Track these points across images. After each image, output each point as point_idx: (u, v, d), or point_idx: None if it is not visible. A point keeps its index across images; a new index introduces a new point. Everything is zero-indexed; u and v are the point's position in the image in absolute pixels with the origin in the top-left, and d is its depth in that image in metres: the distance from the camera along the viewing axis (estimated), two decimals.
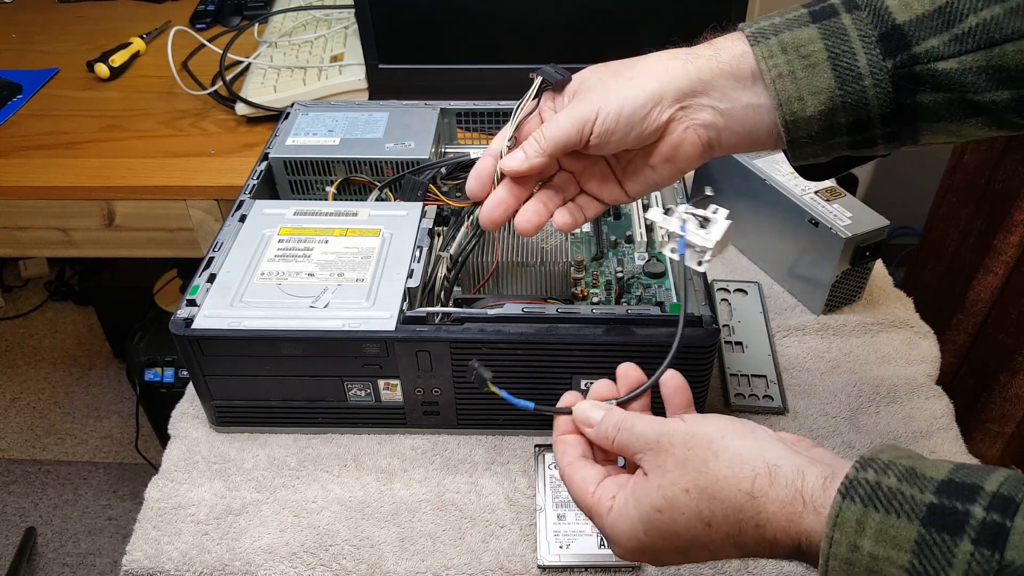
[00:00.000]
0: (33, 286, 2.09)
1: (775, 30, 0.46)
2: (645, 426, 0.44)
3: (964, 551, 0.32)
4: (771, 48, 0.46)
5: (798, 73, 0.45)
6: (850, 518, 0.35)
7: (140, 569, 0.58)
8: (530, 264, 0.70)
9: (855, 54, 0.44)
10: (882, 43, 0.44)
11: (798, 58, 0.45)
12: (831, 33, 0.45)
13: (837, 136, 0.46)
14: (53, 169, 1.00)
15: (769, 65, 0.46)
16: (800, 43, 0.45)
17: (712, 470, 0.40)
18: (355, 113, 0.83)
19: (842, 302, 0.76)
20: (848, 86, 0.45)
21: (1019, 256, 1.13)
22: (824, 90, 0.45)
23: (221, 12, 1.32)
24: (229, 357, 0.61)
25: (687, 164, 0.51)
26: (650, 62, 0.49)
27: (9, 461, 1.70)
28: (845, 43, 0.45)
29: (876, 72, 0.44)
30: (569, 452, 0.47)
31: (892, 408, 0.68)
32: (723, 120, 0.48)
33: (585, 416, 0.47)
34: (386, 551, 0.58)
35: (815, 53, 0.45)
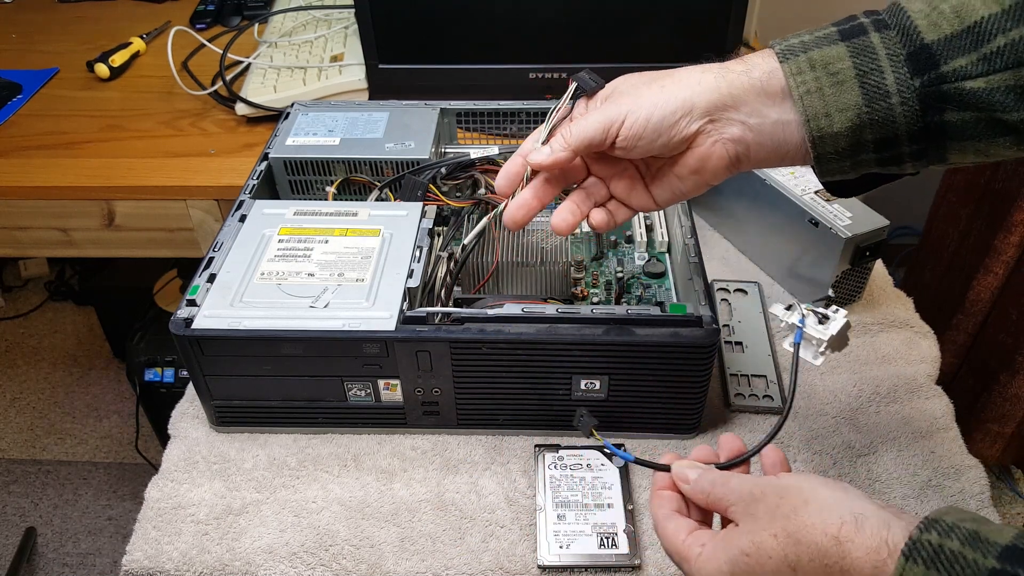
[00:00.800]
0: (33, 286, 2.09)
1: (804, 47, 0.47)
2: (740, 481, 0.45)
3: None
4: (800, 65, 0.46)
5: (826, 90, 0.46)
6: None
7: (140, 569, 0.58)
8: (530, 264, 0.70)
9: (883, 72, 0.45)
10: (910, 62, 0.45)
11: (826, 75, 0.46)
12: (859, 51, 0.46)
13: (864, 153, 0.47)
14: (53, 169, 1.00)
15: (797, 82, 0.46)
16: (828, 60, 0.46)
17: (801, 517, 0.40)
18: (355, 113, 0.83)
19: (842, 302, 0.76)
20: (875, 103, 0.45)
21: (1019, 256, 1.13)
22: (851, 107, 0.46)
23: (221, 12, 1.32)
24: (229, 357, 0.61)
25: (714, 177, 0.51)
26: (683, 74, 0.50)
27: (9, 461, 1.70)
28: (873, 61, 0.45)
29: (904, 90, 0.45)
30: (665, 505, 0.48)
31: (892, 408, 0.68)
32: (752, 135, 0.49)
33: (683, 473, 0.48)
34: (386, 551, 0.58)
35: (843, 71, 0.46)
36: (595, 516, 0.59)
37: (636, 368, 0.60)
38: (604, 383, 0.61)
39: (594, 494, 0.60)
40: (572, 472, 0.62)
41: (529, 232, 0.74)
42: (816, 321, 0.55)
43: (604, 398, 0.62)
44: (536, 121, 0.83)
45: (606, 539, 0.57)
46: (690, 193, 0.53)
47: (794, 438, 0.66)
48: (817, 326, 0.55)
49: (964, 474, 0.63)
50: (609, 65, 0.98)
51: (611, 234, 0.80)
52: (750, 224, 0.81)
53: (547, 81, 0.99)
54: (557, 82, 0.99)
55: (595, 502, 0.60)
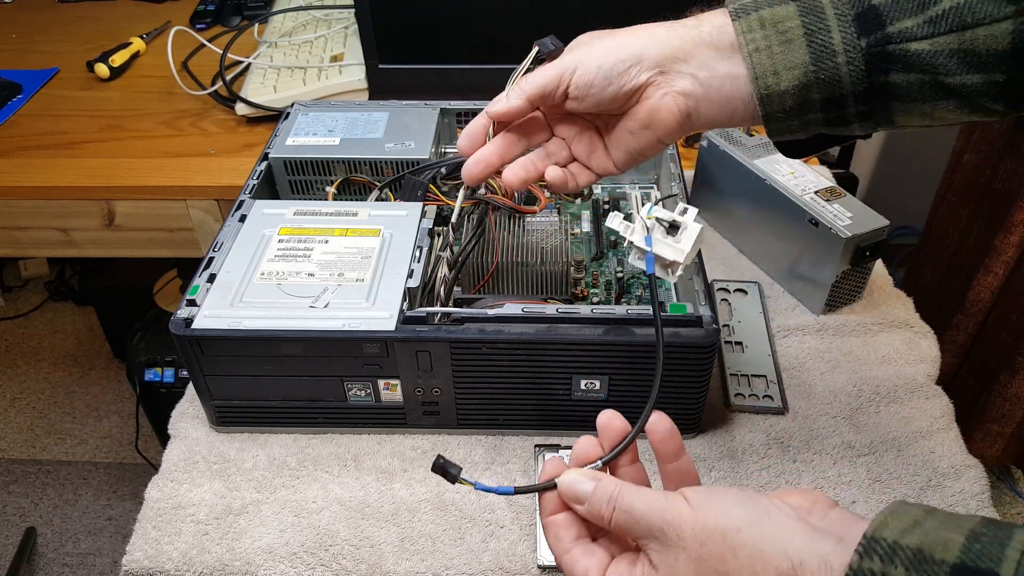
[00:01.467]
0: (33, 286, 2.09)
1: (756, 5, 0.48)
2: (645, 508, 0.39)
3: None
4: (751, 23, 0.47)
5: (774, 48, 0.47)
6: None
7: (140, 569, 0.58)
8: (530, 264, 0.70)
9: (830, 31, 0.46)
10: (857, 22, 0.45)
11: (775, 33, 0.47)
12: (809, 10, 0.46)
13: (811, 112, 0.47)
14: (53, 169, 1.00)
15: (747, 39, 0.47)
16: (778, 19, 0.47)
17: (731, 570, 0.35)
18: (355, 113, 0.83)
19: (842, 302, 0.76)
20: (822, 62, 0.46)
21: (1019, 256, 1.13)
22: (798, 65, 0.46)
23: (221, 12, 1.32)
24: (229, 357, 0.61)
25: (665, 133, 0.52)
26: (635, 28, 0.52)
27: (9, 461, 1.70)
28: (822, 20, 0.46)
29: (850, 50, 0.45)
30: (563, 536, 0.42)
31: (892, 408, 0.68)
32: (701, 90, 0.49)
33: (572, 491, 0.41)
34: (386, 551, 0.58)
35: (792, 29, 0.46)
36: None
37: (636, 368, 0.60)
38: (604, 383, 0.61)
39: None
40: None
41: (529, 232, 0.74)
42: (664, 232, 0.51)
43: (604, 398, 0.62)
44: None
45: None
46: (645, 152, 0.53)
47: (794, 438, 0.66)
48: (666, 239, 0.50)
49: (964, 474, 0.63)
50: None
51: (611, 234, 0.80)
52: (750, 224, 0.81)
53: None
54: None
55: None
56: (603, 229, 0.80)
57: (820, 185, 0.75)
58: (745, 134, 0.81)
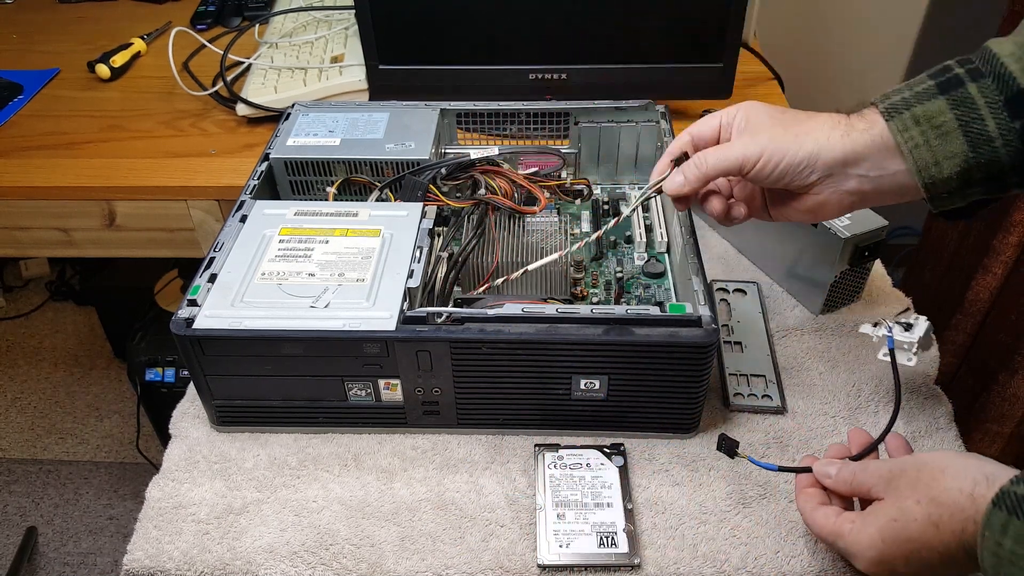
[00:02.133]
0: (34, 286, 2.09)
1: (906, 104, 0.52)
2: (877, 464, 0.52)
3: None
4: (904, 122, 0.52)
5: (932, 142, 0.51)
6: (996, 523, 0.42)
7: (141, 568, 0.58)
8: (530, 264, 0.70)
9: (984, 120, 0.50)
10: (1008, 107, 0.50)
11: (931, 128, 0.51)
12: (959, 103, 0.51)
13: (972, 188, 0.52)
14: (54, 169, 1.00)
15: (905, 137, 0.52)
16: (931, 115, 0.51)
17: (939, 483, 0.46)
18: (355, 114, 0.83)
19: (841, 302, 0.76)
20: (980, 149, 0.50)
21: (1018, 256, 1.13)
22: (958, 154, 0.51)
23: (222, 13, 1.32)
24: (230, 357, 0.61)
25: (827, 217, 0.59)
26: (815, 125, 0.55)
27: (10, 461, 1.70)
28: (974, 111, 0.50)
29: (1006, 134, 0.50)
30: (811, 500, 0.54)
31: (891, 408, 0.68)
32: (870, 187, 0.54)
33: (824, 470, 0.55)
34: (386, 550, 0.58)
35: (946, 123, 0.51)
36: (595, 515, 0.59)
37: (636, 368, 0.60)
38: (604, 383, 0.61)
39: (593, 493, 0.60)
40: (572, 471, 0.62)
41: (529, 232, 0.74)
42: (902, 330, 0.64)
43: (604, 398, 0.62)
44: (536, 121, 0.83)
45: (606, 538, 0.58)
46: (804, 222, 0.62)
47: (793, 437, 0.66)
48: (904, 333, 0.64)
49: None
50: (609, 66, 0.99)
51: (611, 234, 0.80)
52: (749, 224, 0.80)
53: (547, 81, 1.00)
54: (557, 82, 0.99)
55: (594, 501, 0.60)
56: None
57: None
58: None
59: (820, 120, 0.55)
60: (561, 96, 0.92)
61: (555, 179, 0.80)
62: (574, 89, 0.99)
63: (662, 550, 0.58)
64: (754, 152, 0.55)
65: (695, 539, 0.58)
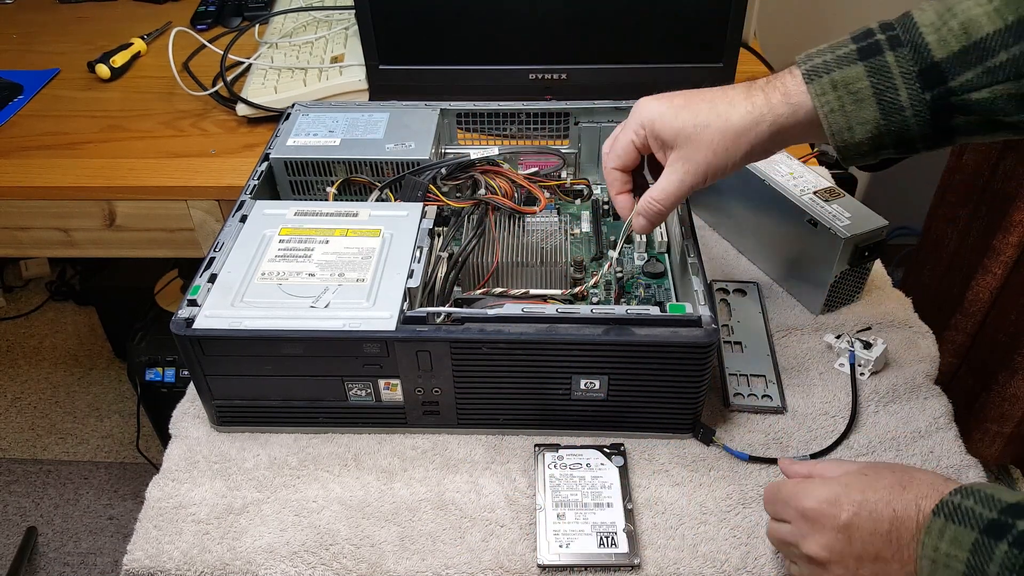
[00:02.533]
0: (34, 286, 2.09)
1: (827, 67, 0.53)
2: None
3: (1001, 550, 0.42)
4: (823, 86, 0.53)
5: (847, 107, 0.52)
6: (935, 528, 0.45)
7: (141, 568, 0.58)
8: (530, 264, 0.70)
9: (898, 90, 0.51)
10: (921, 78, 0.51)
11: (847, 94, 0.52)
12: (876, 71, 0.52)
13: (883, 150, 0.54)
14: (54, 169, 1.00)
15: (822, 101, 0.53)
16: (848, 81, 0.52)
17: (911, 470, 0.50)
18: (355, 114, 0.83)
19: (841, 302, 0.76)
20: (891, 117, 0.52)
21: (1018, 256, 1.13)
22: (870, 121, 0.52)
23: (222, 13, 1.32)
24: (230, 357, 0.61)
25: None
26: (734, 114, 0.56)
27: (10, 461, 1.70)
28: (888, 80, 0.51)
29: (916, 104, 0.51)
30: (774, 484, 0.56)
31: (891, 408, 0.68)
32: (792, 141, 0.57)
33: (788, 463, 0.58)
34: (386, 550, 0.58)
35: (862, 90, 0.52)
36: (594, 515, 0.59)
37: (635, 368, 0.60)
38: (604, 383, 0.61)
39: (593, 493, 0.61)
40: (572, 471, 0.62)
41: (529, 232, 0.74)
42: (862, 347, 0.69)
43: (604, 398, 0.62)
44: (536, 121, 0.83)
45: (605, 538, 0.58)
46: None
47: (793, 437, 0.66)
48: (863, 351, 0.69)
49: (963, 474, 0.63)
50: (609, 66, 0.99)
51: (611, 234, 0.80)
52: (749, 224, 0.81)
53: (547, 81, 1.00)
54: (557, 82, 1.00)
55: (594, 501, 0.60)
56: (602, 229, 0.80)
57: (819, 185, 0.75)
58: None
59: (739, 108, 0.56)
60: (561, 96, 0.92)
61: (555, 179, 0.80)
62: (574, 89, 0.98)
63: (662, 550, 0.58)
64: (699, 177, 0.58)
65: (695, 539, 0.58)
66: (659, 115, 0.58)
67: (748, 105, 0.55)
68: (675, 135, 0.57)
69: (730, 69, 0.99)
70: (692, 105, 0.57)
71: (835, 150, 0.54)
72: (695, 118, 0.57)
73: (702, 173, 0.58)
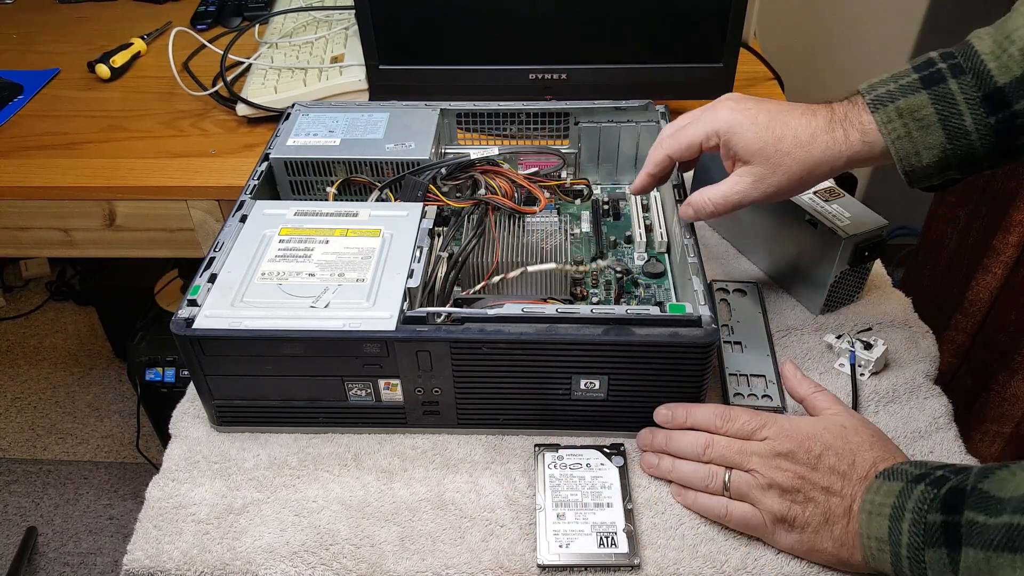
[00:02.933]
0: (34, 286, 2.09)
1: (891, 97, 0.56)
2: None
3: (919, 490, 0.49)
4: (889, 115, 0.56)
5: (914, 134, 0.55)
6: (874, 486, 0.53)
7: (141, 568, 0.58)
8: (530, 264, 0.70)
9: (962, 115, 0.54)
10: (985, 103, 0.53)
11: (912, 121, 0.55)
12: (940, 98, 0.54)
13: (948, 172, 0.56)
14: (54, 169, 1.00)
15: (888, 129, 0.56)
16: (913, 108, 0.55)
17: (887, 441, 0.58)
18: (355, 114, 0.83)
19: (841, 302, 0.76)
20: (957, 141, 0.54)
21: (1018, 256, 1.13)
22: (937, 146, 0.55)
23: (222, 13, 1.32)
24: (230, 357, 0.61)
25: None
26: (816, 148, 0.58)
27: (10, 461, 1.70)
28: (953, 106, 0.54)
29: (981, 128, 0.54)
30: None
31: (891, 408, 0.68)
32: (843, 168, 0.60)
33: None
34: (386, 550, 0.58)
35: (927, 117, 0.55)
36: (594, 515, 0.59)
37: (636, 368, 0.60)
38: (604, 383, 0.61)
39: (593, 493, 0.61)
40: (572, 471, 0.62)
41: (529, 232, 0.74)
42: (863, 347, 0.70)
43: (604, 398, 0.62)
44: (536, 121, 0.83)
45: (605, 538, 0.58)
46: None
47: None
48: (864, 351, 0.70)
49: None
50: (609, 66, 0.99)
51: (610, 234, 0.80)
52: (749, 224, 0.81)
53: (547, 81, 1.00)
54: (557, 82, 0.99)
55: (594, 501, 0.60)
56: (602, 229, 0.80)
57: (819, 185, 0.75)
58: None
59: (820, 138, 0.58)
60: (561, 96, 0.92)
61: (555, 179, 0.80)
62: (574, 89, 0.99)
63: (662, 550, 0.58)
64: (766, 196, 0.61)
65: (695, 539, 0.58)
66: (740, 128, 0.60)
67: (829, 140, 0.58)
68: (754, 154, 0.60)
69: (730, 69, 0.99)
70: (775, 127, 0.59)
71: (902, 174, 0.57)
72: (778, 143, 0.59)
73: (771, 194, 0.60)
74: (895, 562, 0.50)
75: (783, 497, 0.55)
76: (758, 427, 0.58)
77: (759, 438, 0.58)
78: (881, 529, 0.50)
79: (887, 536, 0.50)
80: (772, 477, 0.55)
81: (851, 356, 0.70)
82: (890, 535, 0.50)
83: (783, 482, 0.55)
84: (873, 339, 0.70)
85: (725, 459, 0.58)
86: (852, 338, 0.71)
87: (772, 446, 0.57)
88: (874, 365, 0.69)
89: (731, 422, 0.59)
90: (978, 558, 0.43)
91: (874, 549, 0.51)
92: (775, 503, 0.55)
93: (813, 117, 0.59)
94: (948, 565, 0.46)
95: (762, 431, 0.58)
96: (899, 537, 0.49)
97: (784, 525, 0.55)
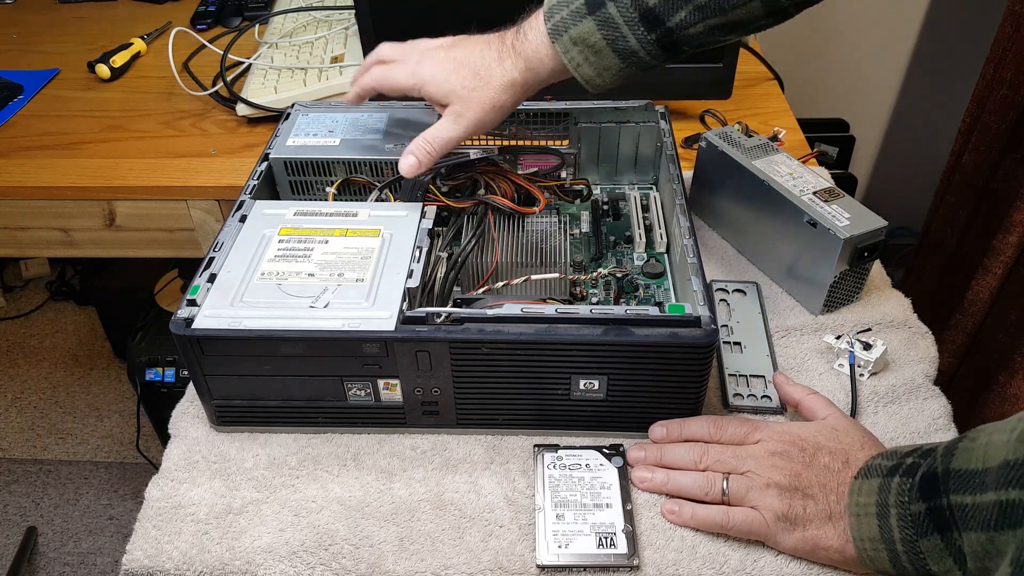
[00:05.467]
0: (34, 286, 2.09)
1: (565, 26, 0.61)
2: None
3: (895, 483, 0.51)
4: (566, 45, 0.62)
5: (591, 59, 0.62)
6: (855, 487, 0.54)
7: (140, 568, 0.58)
8: (530, 264, 0.70)
9: (627, 38, 0.60)
10: (643, 22, 0.59)
11: (586, 48, 0.61)
12: (604, 23, 0.60)
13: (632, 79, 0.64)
14: (54, 169, 1.00)
15: (568, 58, 0.62)
16: (584, 36, 0.61)
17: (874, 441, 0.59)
18: (355, 114, 0.83)
19: (840, 302, 0.76)
20: (629, 59, 0.62)
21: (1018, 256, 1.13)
22: (613, 67, 0.62)
23: (222, 13, 1.33)
24: (229, 357, 0.61)
25: None
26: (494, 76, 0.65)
27: (10, 461, 1.70)
28: (616, 29, 0.60)
29: (647, 46, 0.61)
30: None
31: (891, 408, 0.68)
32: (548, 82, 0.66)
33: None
34: (386, 550, 0.58)
35: (597, 43, 0.61)
36: (594, 516, 0.59)
37: (635, 368, 0.60)
38: (603, 383, 0.61)
39: (593, 494, 0.61)
40: (571, 472, 0.62)
41: (529, 232, 0.74)
42: (862, 348, 0.70)
43: (603, 398, 0.62)
44: (536, 121, 0.83)
45: (605, 539, 0.58)
46: None
47: None
48: (863, 352, 0.70)
49: None
50: None
51: (610, 234, 0.80)
52: (749, 225, 0.81)
53: None
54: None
55: (594, 502, 0.60)
56: (602, 229, 0.80)
57: (819, 186, 0.75)
58: (744, 135, 0.81)
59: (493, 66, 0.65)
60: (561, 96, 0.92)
61: (555, 179, 0.80)
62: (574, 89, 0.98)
63: (661, 551, 0.58)
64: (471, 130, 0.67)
65: (695, 540, 0.58)
66: (435, 79, 0.67)
67: (501, 71, 0.65)
68: (448, 95, 0.66)
69: (730, 69, 0.99)
70: (461, 69, 0.66)
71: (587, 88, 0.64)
72: (464, 82, 0.66)
73: (473, 127, 0.67)
74: (893, 559, 0.50)
75: (783, 495, 0.55)
76: (751, 431, 0.59)
77: (752, 441, 0.58)
78: (872, 529, 0.51)
79: (879, 535, 0.51)
80: (769, 476, 0.56)
81: (850, 357, 0.70)
82: (881, 533, 0.51)
83: (780, 480, 0.55)
84: (872, 340, 0.70)
85: (721, 464, 0.58)
86: (851, 338, 0.70)
87: (766, 447, 0.57)
88: (873, 366, 0.69)
89: (723, 429, 0.60)
90: (981, 539, 0.44)
91: (869, 550, 0.52)
92: (775, 502, 0.55)
93: (488, 49, 0.66)
94: (944, 550, 0.47)
95: (755, 434, 0.59)
96: (891, 533, 0.50)
97: (786, 523, 0.55)
